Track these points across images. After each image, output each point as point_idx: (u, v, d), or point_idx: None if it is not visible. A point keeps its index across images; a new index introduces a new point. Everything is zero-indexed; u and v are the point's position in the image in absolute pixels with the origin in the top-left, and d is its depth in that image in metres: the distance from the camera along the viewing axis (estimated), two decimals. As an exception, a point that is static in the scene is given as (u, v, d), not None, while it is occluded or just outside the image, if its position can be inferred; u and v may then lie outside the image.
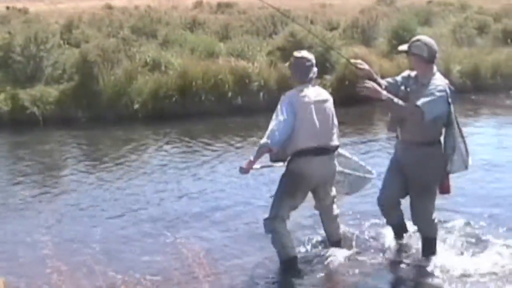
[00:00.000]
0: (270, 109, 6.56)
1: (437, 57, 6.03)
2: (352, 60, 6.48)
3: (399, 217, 6.69)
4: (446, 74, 15.63)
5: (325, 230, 6.75)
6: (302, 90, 6.18)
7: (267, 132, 6.08)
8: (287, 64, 6.65)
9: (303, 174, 6.18)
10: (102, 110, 13.65)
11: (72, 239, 7.31)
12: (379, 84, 6.02)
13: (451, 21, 20.27)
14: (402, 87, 6.15)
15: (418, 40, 6.01)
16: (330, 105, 6.30)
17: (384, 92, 5.81)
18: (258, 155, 6.15)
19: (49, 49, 14.59)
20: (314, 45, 14.99)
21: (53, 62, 14.59)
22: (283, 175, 6.35)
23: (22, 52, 14.29)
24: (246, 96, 14.08)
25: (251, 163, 6.17)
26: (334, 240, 6.72)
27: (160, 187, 9.26)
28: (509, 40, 18.63)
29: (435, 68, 6.01)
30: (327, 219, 6.66)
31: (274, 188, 6.49)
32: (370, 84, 5.81)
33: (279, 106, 6.15)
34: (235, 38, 16.30)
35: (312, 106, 6.13)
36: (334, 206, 6.63)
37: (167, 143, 11.83)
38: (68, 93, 13.89)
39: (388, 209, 6.61)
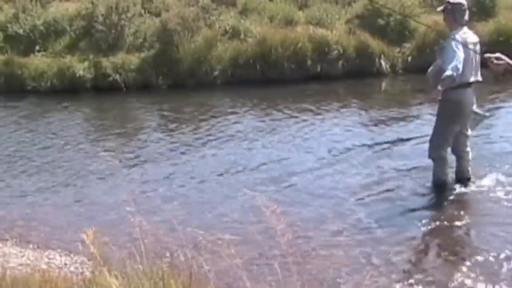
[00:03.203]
0: (348, 76, 6.62)
1: None
2: (486, 55, 6.44)
3: None
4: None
5: (457, 167, 7.46)
6: (464, 32, 7.05)
7: (449, 66, 6.69)
8: (439, 9, 7.39)
9: (462, 102, 7.06)
10: (182, 77, 13.86)
11: (154, 198, 7.47)
12: None
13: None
14: None
15: None
16: (479, 46, 7.04)
17: None
18: (444, 85, 6.83)
19: (130, 18, 14.79)
20: (392, 13, 14.81)
21: (134, 30, 14.79)
22: (442, 106, 7.12)
23: (104, 21, 14.50)
24: (325, 64, 14.02)
25: (438, 92, 6.89)
26: (463, 177, 7.43)
27: (241, 151, 9.43)
28: None
29: None
30: (462, 155, 7.39)
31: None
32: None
33: (452, 45, 6.76)
34: (314, 6, 16.19)
35: (472, 46, 6.84)
36: (468, 143, 7.42)
37: (246, 109, 11.94)
38: (149, 60, 14.12)
39: None
